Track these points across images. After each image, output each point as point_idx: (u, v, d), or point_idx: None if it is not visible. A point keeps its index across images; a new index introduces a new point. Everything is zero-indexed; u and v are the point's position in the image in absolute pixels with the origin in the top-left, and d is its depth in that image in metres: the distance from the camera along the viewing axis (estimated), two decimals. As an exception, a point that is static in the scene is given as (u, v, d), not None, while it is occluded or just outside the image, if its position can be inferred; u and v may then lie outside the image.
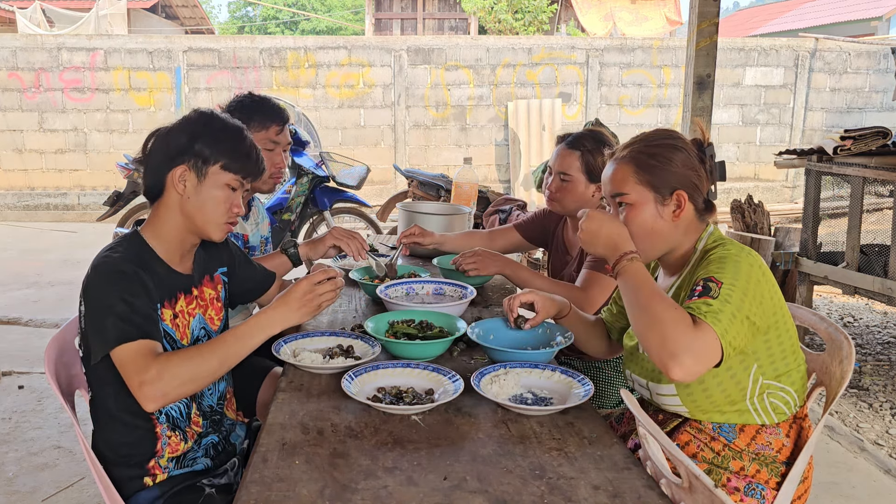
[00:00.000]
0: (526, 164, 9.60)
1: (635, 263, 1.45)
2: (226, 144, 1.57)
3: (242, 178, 1.60)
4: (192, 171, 1.55)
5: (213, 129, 1.58)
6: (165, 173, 1.55)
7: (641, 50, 9.84)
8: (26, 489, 2.65)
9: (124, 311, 1.41)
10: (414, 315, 1.90)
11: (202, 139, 1.55)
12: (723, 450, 1.47)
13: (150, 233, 1.58)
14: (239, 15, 31.22)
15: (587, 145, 2.27)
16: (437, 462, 1.27)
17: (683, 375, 1.29)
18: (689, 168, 1.51)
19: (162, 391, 1.38)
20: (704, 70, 4.10)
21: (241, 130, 1.63)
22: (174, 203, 1.56)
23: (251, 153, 1.61)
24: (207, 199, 1.56)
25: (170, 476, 1.56)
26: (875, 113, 10.20)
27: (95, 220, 6.73)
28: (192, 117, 1.61)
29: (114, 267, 1.46)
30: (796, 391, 1.49)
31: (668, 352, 1.29)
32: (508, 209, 4.31)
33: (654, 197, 1.50)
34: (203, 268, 1.69)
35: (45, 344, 1.63)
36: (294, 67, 9.52)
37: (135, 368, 1.39)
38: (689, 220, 1.53)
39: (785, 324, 1.46)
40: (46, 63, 9.26)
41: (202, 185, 1.55)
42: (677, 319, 1.32)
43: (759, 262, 1.43)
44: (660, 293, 1.39)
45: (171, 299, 1.57)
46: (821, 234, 4.13)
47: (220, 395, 1.71)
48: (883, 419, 3.37)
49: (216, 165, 1.56)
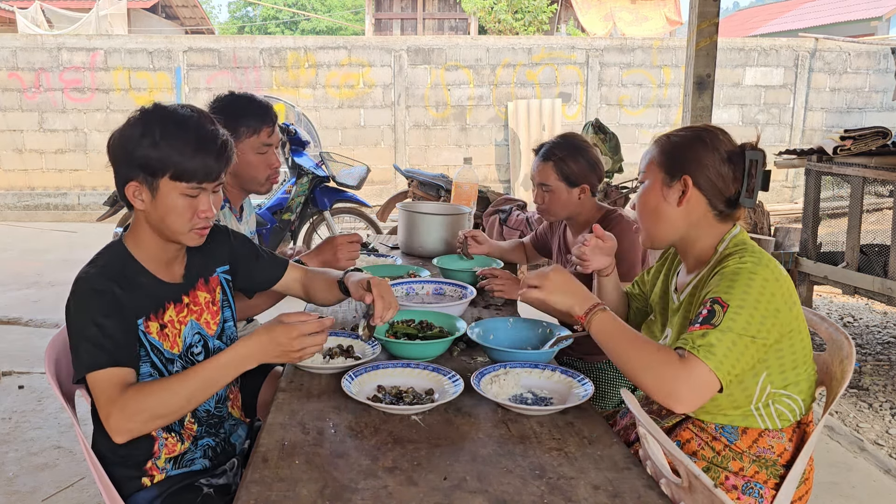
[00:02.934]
0: (526, 164, 9.59)
1: (606, 313, 1.47)
2: (170, 150, 1.39)
3: (199, 184, 1.43)
4: (144, 185, 1.42)
5: (152, 133, 1.39)
6: (122, 188, 1.44)
7: (641, 50, 9.84)
8: (26, 489, 2.65)
9: (95, 336, 1.36)
10: (414, 315, 1.90)
11: (144, 147, 1.39)
12: (723, 450, 1.47)
13: (132, 242, 1.50)
14: (239, 15, 31.22)
15: (557, 153, 2.30)
16: (437, 462, 1.27)
17: (687, 409, 1.33)
18: (709, 163, 1.51)
19: (126, 427, 1.34)
20: (704, 70, 4.10)
21: (186, 125, 1.42)
22: (141, 216, 1.47)
23: (201, 151, 1.42)
24: (167, 212, 1.43)
25: (167, 476, 1.55)
26: (875, 113, 10.20)
27: (95, 220, 6.72)
28: (132, 120, 1.43)
29: (88, 285, 1.41)
30: (803, 399, 1.48)
31: (665, 392, 1.32)
32: (508, 209, 4.31)
33: (663, 178, 1.53)
34: (197, 271, 1.61)
35: (45, 344, 1.63)
36: (294, 67, 9.52)
37: (103, 399, 1.35)
38: (702, 216, 1.52)
39: (800, 332, 1.45)
40: (46, 63, 9.26)
41: (157, 200, 1.42)
42: (664, 359, 1.34)
43: (777, 273, 1.42)
44: (638, 337, 1.41)
45: (157, 311, 1.50)
46: (821, 234, 4.13)
47: (218, 398, 1.67)
48: (883, 419, 3.37)
49: (165, 177, 1.40)
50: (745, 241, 1.52)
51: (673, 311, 1.61)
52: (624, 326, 1.44)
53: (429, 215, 2.91)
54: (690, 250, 1.57)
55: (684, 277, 1.61)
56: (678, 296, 1.60)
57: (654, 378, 1.33)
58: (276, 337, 1.39)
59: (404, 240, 2.96)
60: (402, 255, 2.93)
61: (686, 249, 1.58)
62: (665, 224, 1.54)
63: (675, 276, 1.67)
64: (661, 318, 1.70)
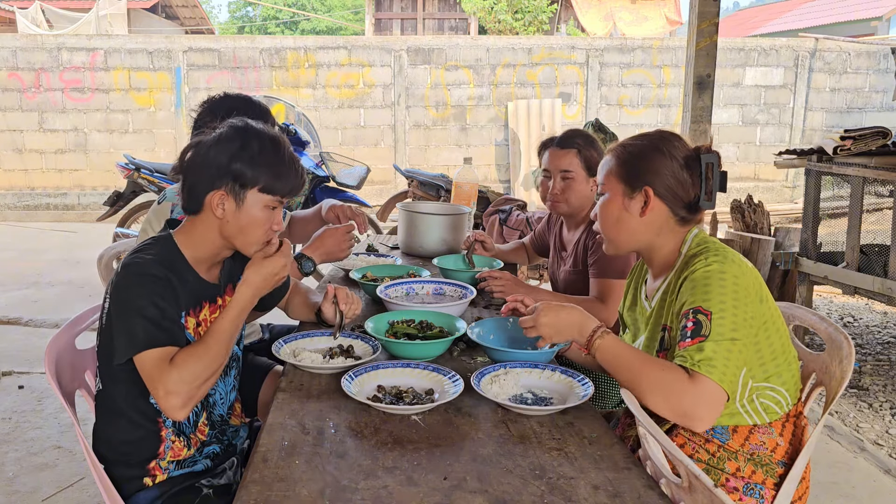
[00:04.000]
0: (526, 164, 9.60)
1: (608, 337, 1.47)
2: (264, 165, 1.50)
3: (282, 198, 1.54)
4: (230, 195, 1.49)
5: (250, 148, 1.49)
6: (203, 195, 1.50)
7: (641, 50, 9.84)
8: (26, 489, 2.65)
9: (155, 315, 1.42)
10: (414, 315, 1.90)
11: (239, 161, 1.48)
12: (717, 451, 1.47)
13: (183, 239, 1.55)
14: (239, 15, 31.22)
15: (579, 142, 2.35)
16: (437, 462, 1.27)
17: (707, 426, 1.34)
18: (668, 171, 1.52)
19: (187, 395, 1.40)
20: (704, 70, 4.10)
21: (279, 145, 1.54)
22: (212, 223, 1.52)
23: (291, 170, 1.54)
24: (248, 223, 1.51)
25: (170, 477, 1.56)
26: (875, 113, 10.20)
27: (95, 220, 6.73)
28: (228, 134, 1.51)
29: (145, 269, 1.45)
30: (788, 390, 1.49)
31: (681, 413, 1.33)
32: (508, 209, 4.31)
33: (624, 189, 1.55)
34: (228, 277, 1.66)
35: (45, 344, 1.62)
36: (294, 67, 9.52)
37: (158, 376, 1.39)
38: (664, 223, 1.54)
39: (774, 324, 1.47)
40: (46, 63, 9.27)
41: (241, 210, 1.50)
42: (673, 378, 1.34)
43: (744, 267, 1.44)
44: (645, 358, 1.42)
45: (195, 308, 1.55)
46: (821, 234, 4.13)
47: (230, 405, 1.71)
48: (883, 419, 3.37)
49: (254, 189, 1.50)
50: (706, 239, 1.55)
51: (645, 318, 1.62)
52: (627, 348, 1.45)
53: (429, 215, 2.90)
54: (655, 256, 1.59)
55: (653, 284, 1.63)
56: (649, 302, 1.62)
57: (666, 401, 1.34)
58: (269, 270, 1.56)
59: (404, 240, 2.96)
60: (402, 255, 2.93)
61: (651, 256, 1.60)
62: (628, 234, 1.56)
63: (643, 284, 1.68)
64: (632, 329, 1.72)
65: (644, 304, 1.64)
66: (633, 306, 1.71)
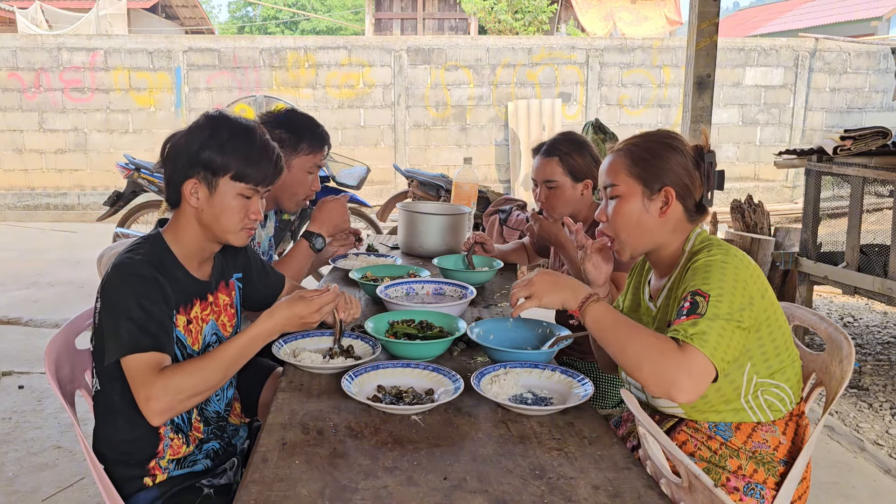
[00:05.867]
0: (526, 164, 9.59)
1: (601, 303, 1.46)
2: (235, 152, 1.51)
3: (255, 187, 1.55)
4: (203, 183, 1.51)
5: (220, 136, 1.51)
6: (179, 185, 1.52)
7: (641, 50, 9.84)
8: (26, 489, 2.65)
9: (140, 318, 1.41)
10: (414, 315, 1.90)
11: (209, 148, 1.50)
12: (720, 448, 1.47)
13: (171, 237, 1.57)
14: (239, 15, 31.22)
15: (562, 148, 2.31)
16: (437, 462, 1.27)
17: (688, 398, 1.31)
18: (683, 169, 1.52)
19: (168, 405, 1.39)
20: (704, 70, 4.10)
21: (251, 133, 1.55)
22: (191, 213, 1.54)
23: (263, 158, 1.54)
24: (222, 211, 1.53)
25: (170, 476, 1.56)
26: (875, 113, 10.20)
27: (95, 220, 6.72)
28: (199, 123, 1.54)
29: (134, 269, 1.46)
30: (791, 388, 1.49)
31: (666, 380, 1.31)
32: (508, 209, 4.30)
33: (643, 191, 1.53)
34: (220, 273, 1.68)
35: (45, 344, 1.62)
36: (294, 67, 9.52)
37: (142, 381, 1.39)
38: (678, 221, 1.54)
39: (777, 320, 1.47)
40: (46, 63, 9.27)
41: (214, 198, 1.52)
42: (662, 348, 1.33)
43: (746, 262, 1.44)
44: (635, 326, 1.40)
45: (186, 305, 1.56)
46: (821, 234, 4.12)
47: (227, 402, 1.71)
48: (883, 419, 3.37)
49: (226, 176, 1.51)
50: (709, 237, 1.54)
51: (651, 317, 1.61)
52: (619, 316, 1.44)
53: (429, 215, 2.90)
54: (663, 255, 1.58)
55: (657, 283, 1.62)
56: (654, 303, 1.61)
57: (652, 368, 1.32)
58: (299, 311, 1.54)
59: (404, 240, 2.96)
60: (402, 255, 2.93)
61: (659, 255, 1.58)
62: (648, 236, 1.55)
63: (646, 285, 1.67)
64: None
65: (649, 304, 1.63)
66: (635, 308, 1.70)
